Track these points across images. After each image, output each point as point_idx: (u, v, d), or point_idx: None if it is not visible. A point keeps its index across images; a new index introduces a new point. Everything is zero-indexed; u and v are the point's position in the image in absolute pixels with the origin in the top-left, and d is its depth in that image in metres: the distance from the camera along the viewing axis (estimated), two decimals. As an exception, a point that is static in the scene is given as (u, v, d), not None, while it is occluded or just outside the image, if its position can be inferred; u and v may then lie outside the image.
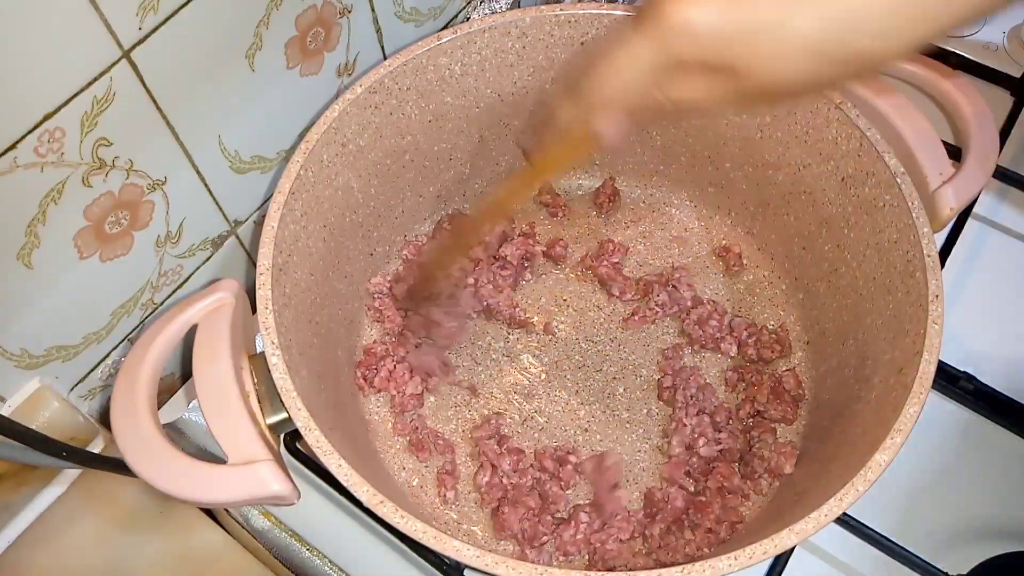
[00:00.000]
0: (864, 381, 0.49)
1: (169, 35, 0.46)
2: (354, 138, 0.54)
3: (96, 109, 0.44)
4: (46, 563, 0.53)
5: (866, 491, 0.40)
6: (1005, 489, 0.55)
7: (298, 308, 0.50)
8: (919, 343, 0.44)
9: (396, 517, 0.40)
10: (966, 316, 0.60)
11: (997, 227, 0.65)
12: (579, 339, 0.60)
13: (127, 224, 0.51)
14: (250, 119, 0.55)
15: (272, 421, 0.45)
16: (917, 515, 0.53)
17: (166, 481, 0.42)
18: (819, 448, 0.51)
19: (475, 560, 0.39)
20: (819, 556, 0.52)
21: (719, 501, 0.51)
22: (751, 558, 0.38)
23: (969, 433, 0.56)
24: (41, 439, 0.43)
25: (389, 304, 0.60)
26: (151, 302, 0.56)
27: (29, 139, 0.42)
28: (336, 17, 0.57)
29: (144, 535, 0.54)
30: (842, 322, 0.54)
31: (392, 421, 0.57)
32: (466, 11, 0.72)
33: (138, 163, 0.49)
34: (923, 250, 0.47)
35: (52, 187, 0.45)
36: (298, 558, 0.54)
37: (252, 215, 0.61)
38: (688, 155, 0.62)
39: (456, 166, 0.62)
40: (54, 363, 0.52)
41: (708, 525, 0.50)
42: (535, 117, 0.60)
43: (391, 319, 0.60)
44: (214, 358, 0.45)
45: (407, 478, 0.55)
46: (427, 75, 0.56)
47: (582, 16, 0.56)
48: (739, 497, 0.52)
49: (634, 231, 0.65)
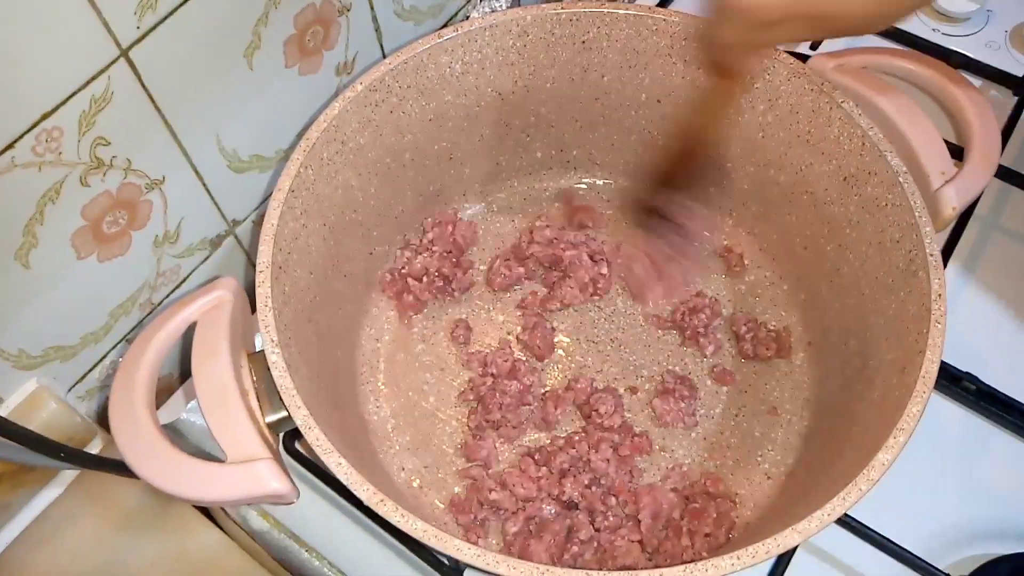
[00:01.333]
0: (867, 381, 0.49)
1: (167, 34, 0.46)
2: (354, 136, 0.54)
3: (94, 108, 0.44)
4: (44, 564, 0.52)
5: (869, 491, 0.40)
6: (1007, 490, 0.54)
7: (297, 306, 0.49)
8: (921, 343, 0.44)
9: (396, 516, 0.40)
10: (968, 316, 0.60)
11: (999, 227, 0.65)
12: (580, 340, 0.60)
13: (125, 224, 0.51)
14: (248, 118, 0.55)
15: (271, 420, 0.45)
16: (919, 516, 0.53)
17: (165, 480, 0.42)
18: (822, 448, 0.51)
19: (476, 559, 0.39)
20: (821, 558, 0.52)
21: (713, 505, 0.51)
22: (754, 557, 0.38)
23: (971, 433, 0.56)
24: (39, 440, 0.43)
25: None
26: (149, 302, 0.56)
27: (27, 138, 0.42)
28: (335, 15, 0.57)
29: (142, 536, 0.54)
30: (844, 322, 0.54)
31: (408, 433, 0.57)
32: (465, 9, 0.72)
33: (136, 163, 0.49)
34: (925, 249, 0.47)
35: (50, 187, 0.44)
36: (296, 559, 0.54)
37: (250, 215, 0.61)
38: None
39: (456, 165, 0.62)
40: (52, 363, 0.51)
41: (706, 530, 0.50)
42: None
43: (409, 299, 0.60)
44: (213, 356, 0.45)
45: (407, 478, 0.55)
46: (428, 73, 0.56)
47: (583, 14, 0.56)
48: (728, 502, 0.52)
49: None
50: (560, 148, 0.64)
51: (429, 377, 0.59)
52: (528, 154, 0.64)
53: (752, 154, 0.59)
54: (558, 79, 0.59)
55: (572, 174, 0.66)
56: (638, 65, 0.58)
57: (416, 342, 0.60)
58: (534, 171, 0.65)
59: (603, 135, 0.63)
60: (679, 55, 0.56)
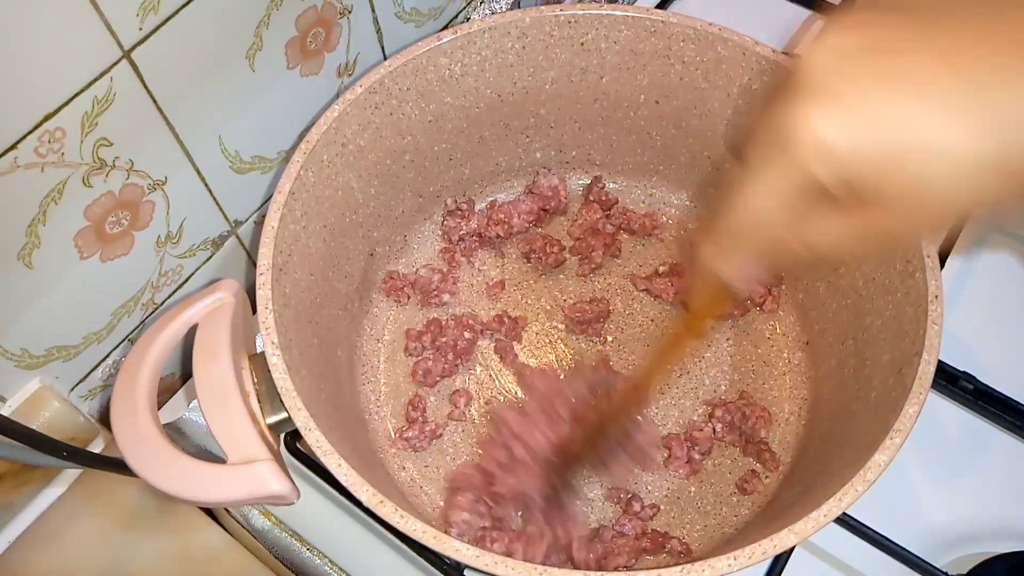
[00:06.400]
0: (864, 381, 0.49)
1: (169, 35, 0.46)
2: (354, 138, 0.54)
3: (96, 109, 0.44)
4: (46, 563, 0.53)
5: (865, 491, 0.40)
6: (1005, 489, 0.55)
7: (298, 308, 0.50)
8: (919, 343, 0.44)
9: (396, 517, 0.40)
10: (966, 316, 0.60)
11: (997, 228, 0.65)
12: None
13: (127, 224, 0.51)
14: (250, 119, 0.55)
15: (272, 421, 0.45)
16: (917, 515, 0.53)
17: (166, 481, 0.42)
18: (818, 448, 0.52)
19: (475, 560, 0.39)
20: (819, 556, 0.53)
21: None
22: (750, 558, 0.38)
23: (969, 433, 0.56)
24: (42, 439, 0.43)
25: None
26: (151, 302, 0.56)
27: (30, 139, 0.42)
28: (336, 17, 0.58)
29: (144, 535, 0.54)
30: (842, 322, 0.54)
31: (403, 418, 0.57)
32: (466, 11, 0.72)
33: (139, 163, 0.49)
34: (922, 251, 0.47)
35: (53, 187, 0.45)
36: (298, 558, 0.54)
37: (252, 215, 0.61)
38: (688, 155, 0.62)
39: (456, 166, 0.63)
40: (55, 363, 0.52)
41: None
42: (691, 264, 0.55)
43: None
44: (214, 358, 0.45)
45: (407, 478, 0.55)
46: (427, 75, 0.56)
47: (582, 16, 0.56)
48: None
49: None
50: (559, 149, 0.64)
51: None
52: (528, 155, 0.64)
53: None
54: (557, 80, 0.59)
55: (571, 175, 0.67)
56: (636, 67, 0.58)
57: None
58: (534, 172, 0.66)
59: (602, 135, 0.63)
60: (677, 57, 0.57)
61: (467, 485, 0.52)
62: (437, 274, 0.61)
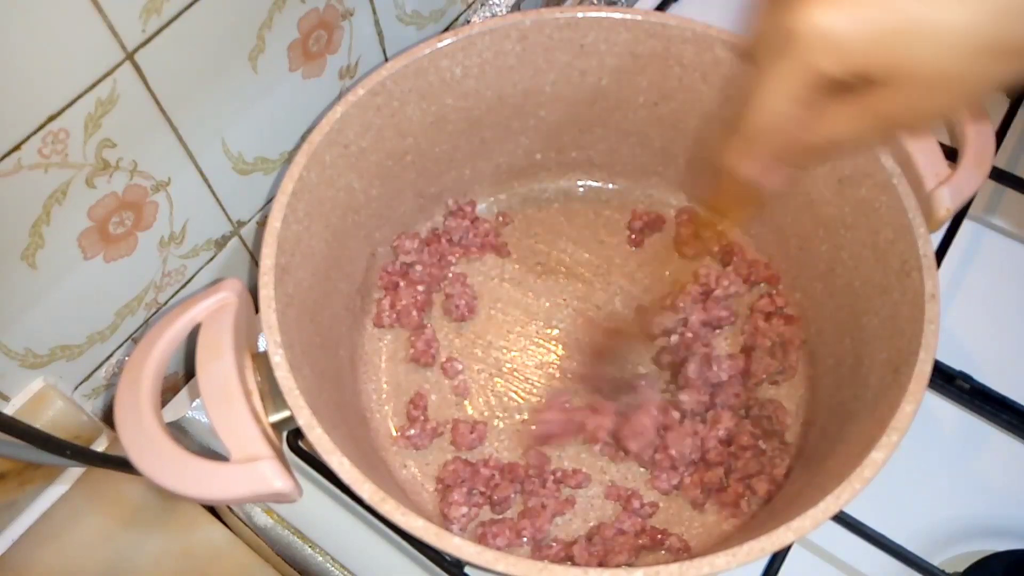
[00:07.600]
0: (861, 380, 0.50)
1: (172, 37, 0.46)
2: (356, 140, 0.54)
3: (100, 111, 0.45)
4: (50, 561, 0.53)
5: (862, 489, 0.40)
6: (1001, 487, 0.55)
7: (301, 307, 0.50)
8: (915, 343, 0.45)
9: (397, 514, 0.40)
10: (962, 316, 0.60)
11: (993, 227, 0.65)
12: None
13: (131, 225, 0.51)
14: (253, 121, 0.56)
15: (275, 419, 0.46)
16: (913, 513, 0.54)
17: (169, 479, 0.42)
18: (815, 446, 0.52)
19: (476, 557, 0.39)
20: (816, 553, 0.53)
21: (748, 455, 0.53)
22: (748, 555, 0.39)
23: (965, 431, 0.57)
24: (45, 438, 0.43)
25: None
26: (155, 302, 0.57)
27: (33, 140, 0.42)
28: (338, 20, 0.58)
29: (147, 532, 0.55)
30: (839, 322, 0.55)
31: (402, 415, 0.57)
32: (467, 14, 0.72)
33: (142, 164, 0.49)
34: (919, 250, 0.47)
35: (56, 188, 0.45)
36: (300, 555, 0.54)
37: (255, 216, 0.61)
38: (687, 156, 0.63)
39: (457, 167, 0.63)
40: (58, 362, 0.52)
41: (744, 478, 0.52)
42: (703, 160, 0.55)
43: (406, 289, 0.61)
44: (217, 357, 0.45)
45: (408, 476, 0.55)
46: (428, 77, 0.56)
47: (582, 19, 0.56)
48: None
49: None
50: (559, 150, 0.65)
51: (430, 375, 0.59)
52: (528, 156, 0.65)
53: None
54: (557, 82, 0.59)
55: (571, 175, 0.67)
56: (636, 69, 0.58)
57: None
58: (534, 173, 0.66)
59: (601, 137, 0.64)
60: (676, 59, 0.57)
61: (456, 480, 0.53)
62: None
